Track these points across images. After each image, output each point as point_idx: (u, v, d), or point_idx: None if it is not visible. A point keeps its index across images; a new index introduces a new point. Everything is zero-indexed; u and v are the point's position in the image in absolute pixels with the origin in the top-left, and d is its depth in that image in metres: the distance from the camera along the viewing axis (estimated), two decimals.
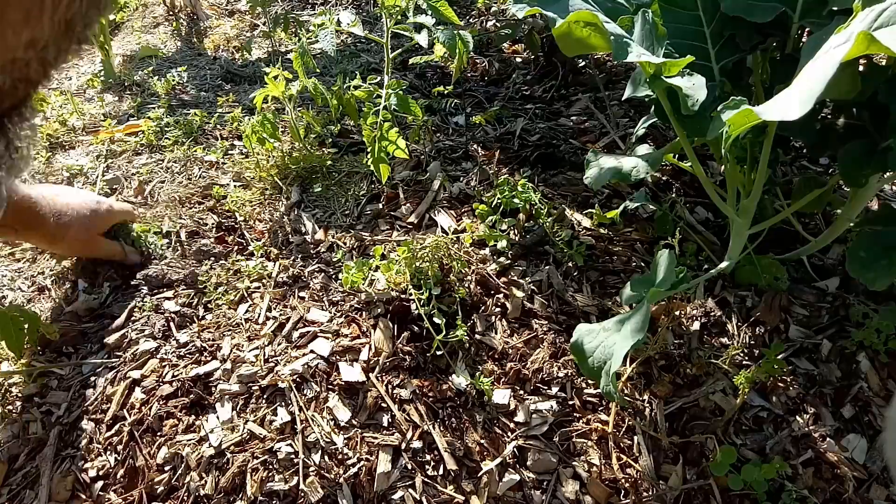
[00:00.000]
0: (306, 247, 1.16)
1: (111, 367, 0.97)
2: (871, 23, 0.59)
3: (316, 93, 1.27)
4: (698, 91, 0.79)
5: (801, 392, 0.92)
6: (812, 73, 0.61)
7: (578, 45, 0.83)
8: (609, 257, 1.11)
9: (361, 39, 1.87)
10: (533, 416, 0.88)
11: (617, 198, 1.23)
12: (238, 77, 1.78)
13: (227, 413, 0.89)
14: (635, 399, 0.90)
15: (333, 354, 0.94)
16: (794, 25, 0.94)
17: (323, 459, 0.83)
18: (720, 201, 0.97)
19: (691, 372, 0.93)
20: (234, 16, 2.13)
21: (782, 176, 1.23)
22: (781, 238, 1.13)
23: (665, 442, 0.86)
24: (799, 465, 0.84)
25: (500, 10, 1.93)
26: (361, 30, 1.22)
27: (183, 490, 0.82)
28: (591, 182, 0.98)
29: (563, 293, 1.04)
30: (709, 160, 1.30)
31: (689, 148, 0.91)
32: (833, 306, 1.02)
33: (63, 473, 0.86)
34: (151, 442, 0.87)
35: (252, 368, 0.93)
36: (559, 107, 1.52)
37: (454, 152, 1.36)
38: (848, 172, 0.88)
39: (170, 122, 1.49)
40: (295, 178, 1.31)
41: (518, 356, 0.95)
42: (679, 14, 0.98)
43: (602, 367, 0.75)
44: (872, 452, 0.86)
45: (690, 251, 1.08)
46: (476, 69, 1.71)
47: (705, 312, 1.02)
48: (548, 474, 0.83)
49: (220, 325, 1.01)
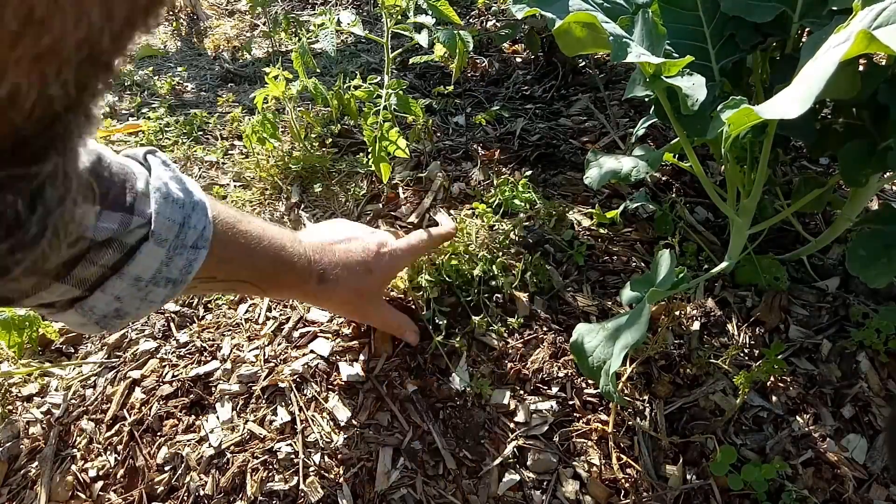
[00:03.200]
0: None
1: (111, 367, 0.97)
2: (870, 22, 0.59)
3: (316, 93, 1.27)
4: (698, 91, 0.79)
5: (801, 392, 0.92)
6: (811, 72, 0.61)
7: (578, 44, 0.83)
8: (609, 257, 1.11)
9: (362, 39, 1.87)
10: (533, 416, 0.88)
11: (617, 198, 1.23)
12: (238, 77, 1.78)
13: (227, 413, 0.89)
14: (635, 399, 0.90)
15: (333, 354, 0.94)
16: (793, 25, 0.94)
17: (323, 459, 0.83)
18: (720, 201, 0.97)
19: (691, 372, 0.93)
20: (234, 16, 2.13)
21: (782, 176, 1.23)
22: (781, 238, 1.13)
23: (665, 442, 0.86)
24: (799, 465, 0.84)
25: (500, 10, 1.93)
26: (361, 30, 1.22)
27: (183, 490, 0.82)
28: (591, 182, 0.98)
29: (564, 293, 1.04)
30: (709, 160, 1.30)
31: (688, 148, 0.91)
32: (833, 306, 1.02)
33: (63, 473, 0.86)
34: (151, 442, 0.87)
35: (252, 368, 0.93)
36: (559, 107, 1.52)
37: (454, 152, 1.36)
38: (848, 172, 0.88)
39: (170, 122, 1.49)
40: (295, 178, 1.31)
41: (518, 356, 0.95)
42: (679, 14, 0.98)
43: (602, 366, 0.75)
44: (872, 452, 0.86)
45: (690, 251, 1.08)
46: (476, 69, 1.71)
47: (705, 312, 1.01)
48: (548, 474, 0.83)
49: (220, 325, 1.01)
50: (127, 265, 0.51)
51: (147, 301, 0.55)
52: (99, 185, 0.49)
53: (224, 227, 0.62)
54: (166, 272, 0.54)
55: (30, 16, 0.15)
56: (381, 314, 0.88)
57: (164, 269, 0.54)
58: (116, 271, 0.51)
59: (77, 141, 0.22)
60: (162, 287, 0.55)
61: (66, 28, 0.16)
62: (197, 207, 0.57)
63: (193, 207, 0.56)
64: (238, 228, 0.65)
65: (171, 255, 0.54)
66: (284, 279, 0.73)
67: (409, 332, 0.91)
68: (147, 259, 0.52)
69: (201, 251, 0.57)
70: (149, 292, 0.54)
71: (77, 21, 0.16)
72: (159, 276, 0.54)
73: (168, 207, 0.54)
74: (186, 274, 0.56)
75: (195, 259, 0.56)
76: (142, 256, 0.52)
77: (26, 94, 0.17)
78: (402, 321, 0.90)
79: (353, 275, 0.80)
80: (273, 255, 0.70)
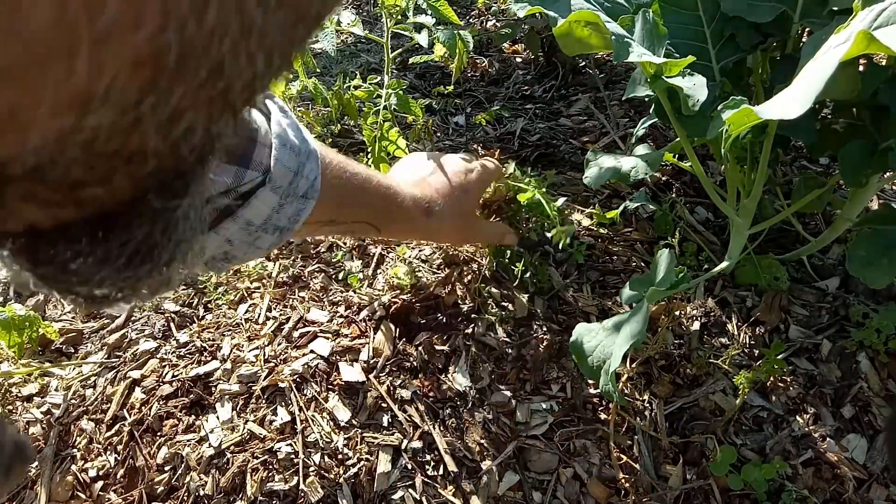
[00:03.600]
0: (306, 247, 1.16)
1: (111, 367, 0.97)
2: (870, 22, 0.59)
3: (316, 93, 1.27)
4: (699, 91, 0.79)
5: (801, 392, 0.92)
6: (811, 72, 0.61)
7: (579, 44, 0.83)
8: (609, 257, 1.11)
9: (361, 39, 1.87)
10: (533, 416, 0.88)
11: (617, 198, 1.23)
12: None
13: (227, 413, 0.89)
14: (635, 399, 0.90)
15: (333, 354, 0.94)
16: (794, 25, 0.94)
17: (323, 459, 0.83)
18: (720, 201, 0.97)
19: (691, 372, 0.93)
20: None
21: (782, 176, 1.23)
22: (781, 238, 1.13)
23: (665, 442, 0.86)
24: (799, 465, 0.84)
25: (500, 10, 1.93)
26: (361, 29, 1.22)
27: (183, 490, 0.82)
28: (591, 182, 0.98)
29: (564, 293, 1.04)
30: (709, 160, 1.30)
31: (689, 148, 0.91)
32: (833, 306, 1.02)
33: (63, 473, 0.86)
34: (151, 442, 0.87)
35: (252, 368, 0.93)
36: (559, 107, 1.52)
37: (454, 152, 1.36)
38: (848, 172, 0.87)
39: None
40: None
41: (518, 356, 0.95)
42: (679, 14, 0.98)
43: (602, 366, 0.75)
44: (872, 452, 0.86)
45: (690, 251, 1.08)
46: (476, 69, 1.71)
47: (705, 312, 1.02)
48: (548, 474, 0.83)
49: (220, 325, 1.01)
50: (242, 208, 0.52)
51: (254, 246, 0.55)
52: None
53: (338, 171, 0.64)
54: (275, 219, 0.55)
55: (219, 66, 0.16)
56: (486, 229, 0.95)
57: (275, 217, 0.55)
58: (230, 214, 0.52)
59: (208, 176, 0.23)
60: (270, 234, 0.56)
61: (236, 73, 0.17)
62: (311, 156, 0.57)
63: (308, 156, 0.57)
64: (350, 171, 0.66)
65: (283, 202, 0.54)
66: (398, 215, 0.76)
67: (508, 237, 0.97)
68: (261, 205, 0.53)
69: (310, 201, 0.57)
70: (257, 238, 0.55)
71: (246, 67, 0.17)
72: (269, 223, 0.54)
73: (286, 154, 0.54)
74: (294, 223, 0.57)
75: (303, 209, 0.57)
76: (256, 202, 0.52)
77: (197, 131, 0.18)
78: (501, 229, 0.96)
79: (454, 201, 0.84)
80: (384, 194, 0.73)
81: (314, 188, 0.57)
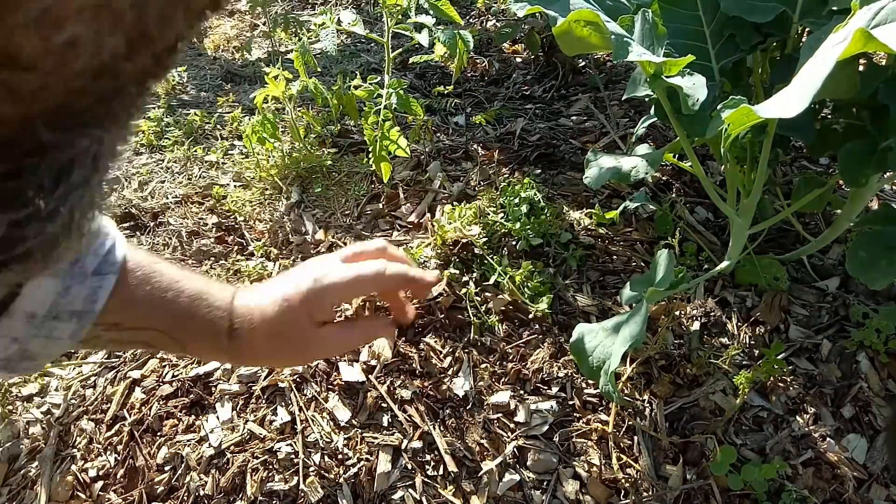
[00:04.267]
0: (306, 247, 1.16)
1: (111, 367, 0.97)
2: (868, 21, 0.59)
3: (316, 92, 1.27)
4: (699, 91, 0.79)
5: (801, 392, 0.92)
6: (810, 72, 0.61)
7: (579, 44, 0.83)
8: (609, 257, 1.11)
9: (362, 39, 1.87)
10: (533, 416, 0.88)
11: (617, 198, 1.23)
12: (238, 77, 1.78)
13: (227, 413, 0.89)
14: (635, 399, 0.90)
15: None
16: (793, 25, 0.94)
17: (323, 459, 0.83)
18: (720, 201, 0.97)
19: (691, 372, 0.93)
20: (234, 16, 2.13)
21: (782, 176, 1.23)
22: (781, 238, 1.13)
23: (665, 442, 0.86)
24: (799, 465, 0.84)
25: (500, 10, 1.93)
26: (362, 29, 1.22)
27: (183, 490, 0.82)
28: (591, 182, 0.98)
29: (564, 293, 1.04)
30: (709, 160, 1.30)
31: (689, 148, 0.91)
32: (833, 306, 1.02)
33: (63, 473, 0.86)
34: (151, 442, 0.87)
35: (252, 368, 0.93)
36: (559, 107, 1.52)
37: (454, 152, 1.36)
38: (848, 172, 0.87)
39: (170, 122, 1.50)
40: (295, 178, 1.31)
41: (518, 356, 0.95)
42: (679, 14, 0.98)
43: (601, 366, 0.75)
44: (872, 452, 0.86)
45: (690, 251, 1.08)
46: (476, 69, 1.71)
47: (705, 312, 1.01)
48: (548, 474, 0.83)
49: None
50: (17, 301, 0.45)
51: (53, 338, 0.47)
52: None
53: (132, 265, 0.52)
54: (66, 304, 0.47)
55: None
56: (326, 344, 0.63)
57: (63, 302, 0.47)
58: (2, 313, 0.44)
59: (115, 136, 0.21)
60: (66, 322, 0.48)
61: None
62: (97, 234, 0.49)
63: (93, 234, 0.48)
64: (151, 267, 0.54)
65: (68, 283, 0.47)
66: (199, 331, 0.56)
67: (379, 330, 0.68)
68: (38, 292, 0.45)
69: (108, 277, 0.49)
70: (53, 329, 0.47)
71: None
72: (58, 310, 0.47)
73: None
74: (93, 303, 0.48)
75: (100, 287, 0.49)
76: (31, 289, 0.45)
77: (83, 45, 0.16)
78: (363, 329, 0.66)
79: (269, 317, 0.58)
80: (190, 298, 0.55)
81: (110, 262, 0.49)
